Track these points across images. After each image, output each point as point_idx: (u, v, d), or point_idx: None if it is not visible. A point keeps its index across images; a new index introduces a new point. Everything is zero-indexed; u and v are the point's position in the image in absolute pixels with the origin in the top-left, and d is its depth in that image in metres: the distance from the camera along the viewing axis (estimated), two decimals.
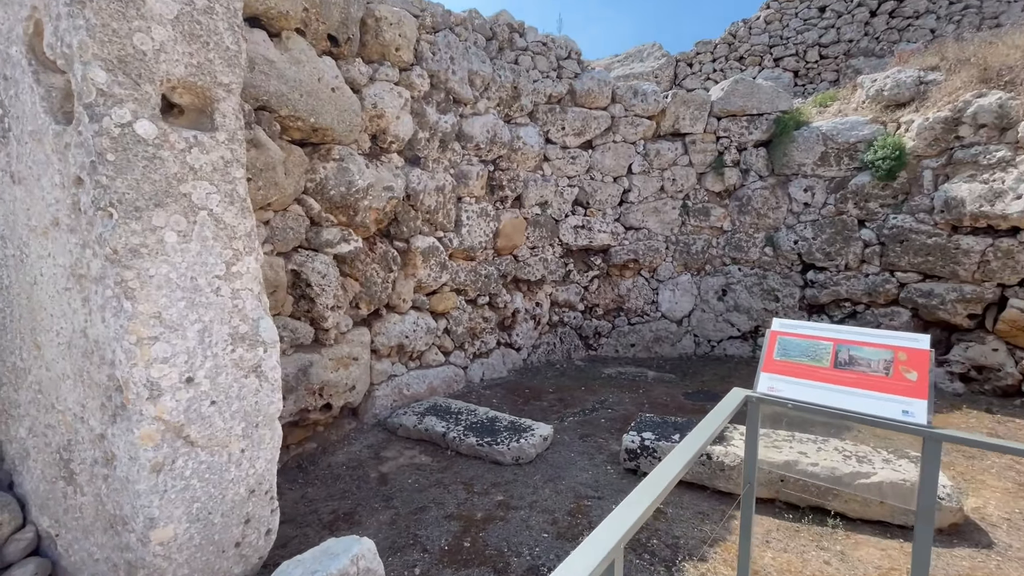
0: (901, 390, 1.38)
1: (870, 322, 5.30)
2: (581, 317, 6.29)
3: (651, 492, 1.09)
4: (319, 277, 3.29)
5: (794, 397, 1.51)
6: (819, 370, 1.54)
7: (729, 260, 6.18)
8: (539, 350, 5.97)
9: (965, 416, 4.31)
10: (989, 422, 4.20)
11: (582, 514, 2.82)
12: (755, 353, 6.00)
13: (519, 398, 4.72)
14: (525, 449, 3.35)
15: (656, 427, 3.43)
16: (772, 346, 1.64)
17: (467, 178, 4.81)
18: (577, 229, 6.04)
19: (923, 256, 4.98)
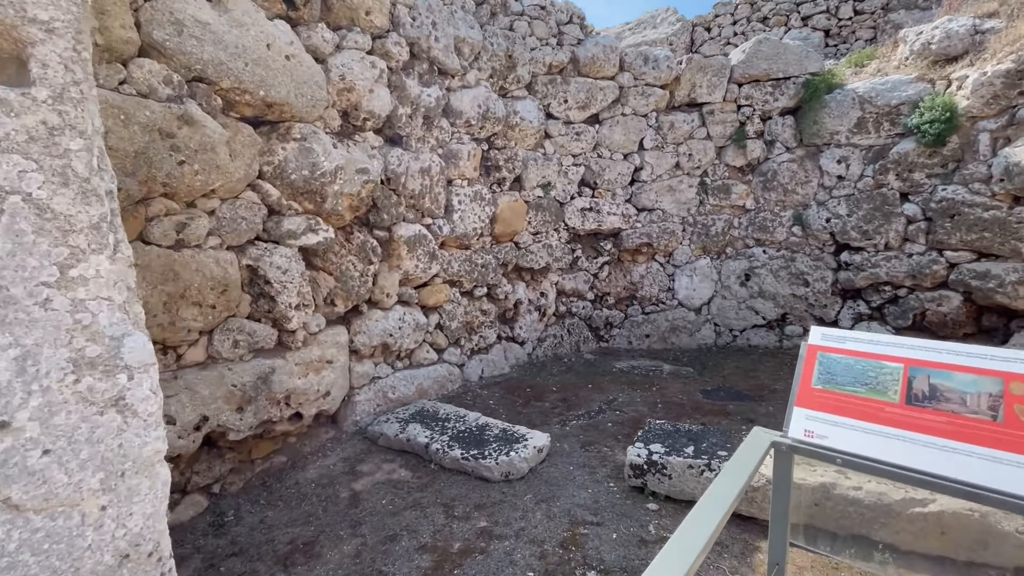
0: (1019, 445, 0.89)
1: (914, 307, 4.69)
2: (591, 307, 5.81)
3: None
4: (279, 273, 2.89)
5: (845, 448, 1.03)
6: (884, 407, 1.05)
7: (752, 242, 5.60)
8: (545, 343, 5.52)
9: None
10: None
11: (576, 546, 2.39)
12: (781, 343, 5.44)
13: (519, 398, 4.29)
14: (516, 464, 2.93)
15: (667, 437, 2.96)
16: (810, 367, 1.16)
17: (457, 158, 4.34)
18: (584, 212, 5.53)
19: (978, 232, 4.33)
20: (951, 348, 1.04)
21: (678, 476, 2.67)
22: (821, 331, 1.21)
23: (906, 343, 1.10)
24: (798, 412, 1.13)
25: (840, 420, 1.07)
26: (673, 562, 0.73)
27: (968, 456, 0.92)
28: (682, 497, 2.69)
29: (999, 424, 0.93)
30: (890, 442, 1.00)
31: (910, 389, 1.04)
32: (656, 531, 2.49)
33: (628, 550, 2.35)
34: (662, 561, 0.74)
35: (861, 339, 1.16)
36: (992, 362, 0.99)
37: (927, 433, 0.97)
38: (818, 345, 1.19)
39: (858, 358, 1.12)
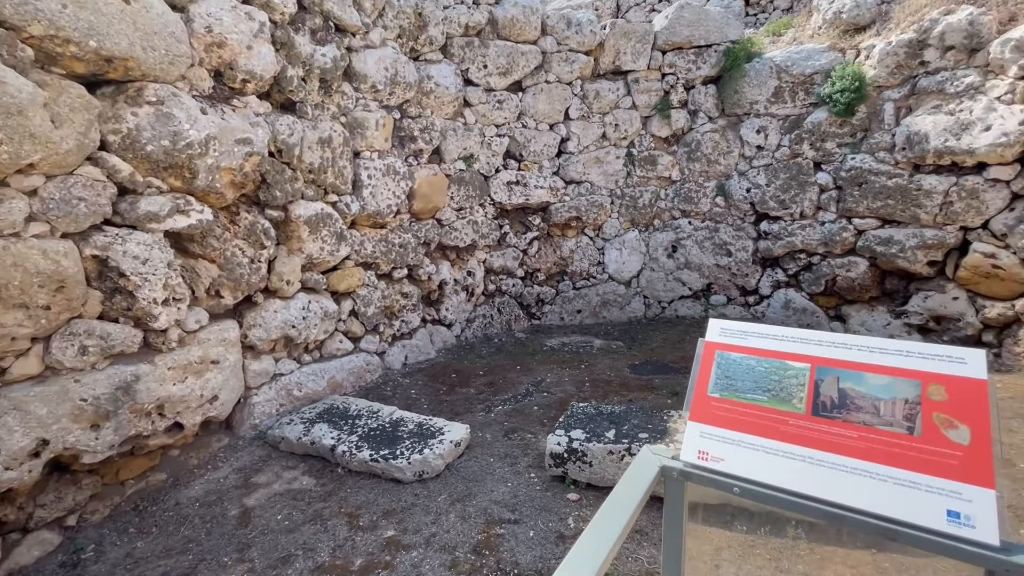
0: (940, 466, 0.74)
1: (826, 274, 4.83)
2: (521, 284, 5.61)
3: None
4: (137, 263, 2.43)
5: (743, 473, 0.86)
6: (788, 419, 0.88)
7: (679, 213, 5.57)
8: (474, 324, 5.28)
9: None
10: None
11: (491, 550, 2.21)
12: (707, 313, 5.50)
13: (443, 385, 4.04)
14: (430, 461, 2.69)
15: (589, 421, 2.82)
16: (707, 370, 0.98)
17: (364, 128, 3.92)
18: (510, 185, 5.26)
19: (882, 200, 4.47)
20: (863, 343, 0.88)
21: (598, 463, 2.54)
22: (720, 324, 1.03)
23: (814, 337, 0.93)
24: (692, 428, 0.95)
25: (739, 437, 0.90)
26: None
27: (882, 481, 0.76)
28: (603, 484, 2.57)
29: (916, 439, 0.78)
30: (794, 465, 0.83)
31: (817, 395, 0.87)
32: (575, 524, 2.35)
33: (544, 548, 2.20)
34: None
35: (764, 333, 0.98)
36: (908, 359, 0.84)
37: (836, 452, 0.81)
38: (716, 342, 1.01)
39: (760, 357, 0.95)
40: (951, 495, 0.72)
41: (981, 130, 3.88)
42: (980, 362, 0.79)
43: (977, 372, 0.79)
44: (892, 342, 0.86)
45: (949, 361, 0.81)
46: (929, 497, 0.73)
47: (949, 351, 0.82)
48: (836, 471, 0.80)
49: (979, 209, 4.02)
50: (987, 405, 0.75)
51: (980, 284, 4.07)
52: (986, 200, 3.98)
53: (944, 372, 0.81)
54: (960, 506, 0.71)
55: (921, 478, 0.75)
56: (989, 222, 3.99)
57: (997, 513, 0.67)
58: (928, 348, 0.84)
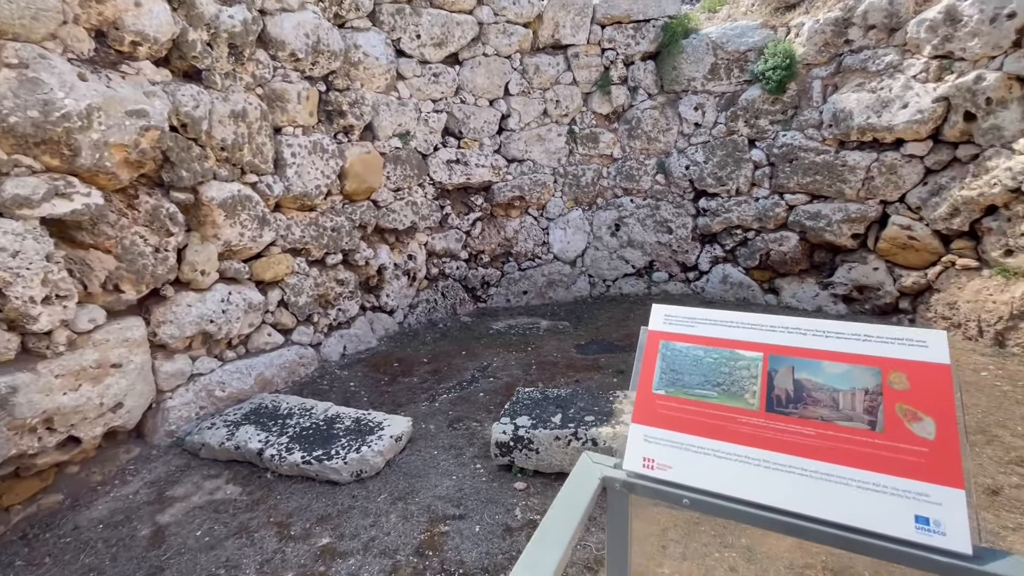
0: (905, 465, 0.67)
1: (760, 248, 4.97)
2: (465, 267, 5.43)
3: None
4: (4, 256, 2.06)
5: (693, 482, 0.76)
6: (740, 416, 0.79)
7: (621, 191, 5.55)
8: (417, 310, 5.07)
9: None
10: None
11: (434, 550, 2.08)
12: (650, 290, 5.55)
13: (385, 376, 3.84)
14: (368, 459, 2.52)
15: (535, 407, 2.73)
16: (651, 363, 0.87)
17: (284, 100, 3.57)
18: (451, 164, 5.03)
19: (811, 176, 4.61)
20: (819, 327, 0.80)
21: (545, 450, 2.46)
22: (664, 311, 0.93)
23: (766, 322, 0.85)
24: (635, 432, 0.84)
25: (687, 440, 0.80)
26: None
27: (843, 485, 0.69)
28: (550, 471, 2.49)
29: (879, 435, 0.70)
30: (748, 471, 0.74)
31: (771, 389, 0.79)
32: (523, 514, 2.26)
33: (491, 544, 2.09)
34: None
35: (713, 319, 0.89)
36: (867, 344, 0.76)
37: (793, 452, 0.73)
38: (660, 331, 0.90)
39: (709, 347, 0.85)
40: (918, 498, 0.65)
41: (899, 107, 4.04)
42: (942, 345, 0.73)
43: (939, 356, 0.72)
44: (850, 325, 0.79)
45: (910, 345, 0.75)
46: (895, 502, 0.66)
47: (909, 334, 0.76)
48: (794, 475, 0.72)
49: (897, 184, 4.22)
50: (951, 393, 0.68)
51: (898, 255, 4.30)
52: (903, 175, 4.18)
53: (905, 357, 0.74)
54: (928, 510, 0.64)
55: (886, 479, 0.67)
56: (906, 196, 4.20)
57: (968, 516, 0.61)
58: (887, 331, 0.77)
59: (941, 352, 0.72)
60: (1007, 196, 3.56)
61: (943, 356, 0.72)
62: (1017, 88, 3.46)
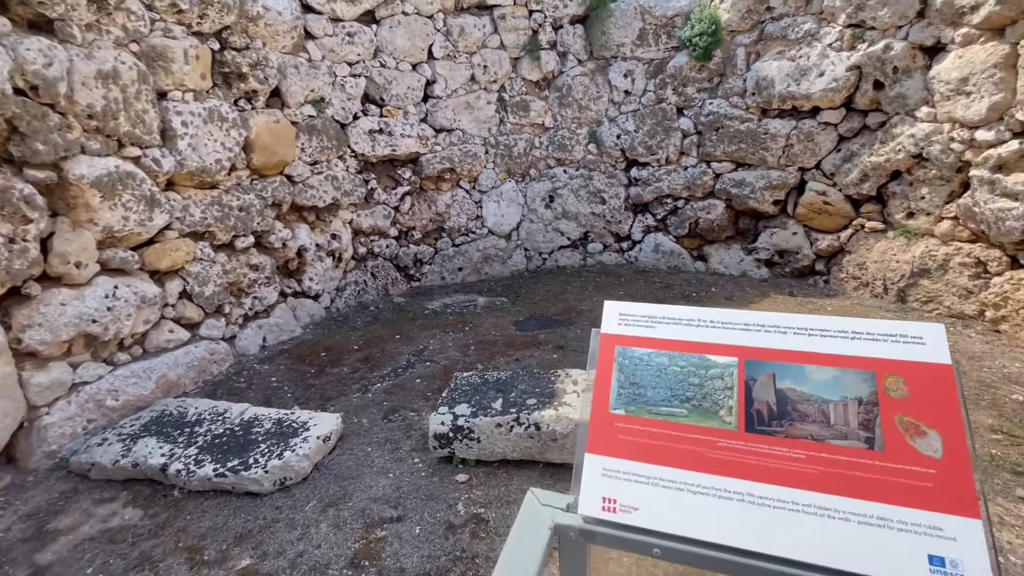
0: (913, 492, 0.57)
1: (690, 217, 5.04)
2: (396, 244, 5.12)
3: None
4: None
5: (665, 527, 0.63)
6: (715, 440, 0.66)
7: (554, 161, 5.40)
8: (346, 292, 4.72)
9: (773, 302, 4.29)
10: (794, 305, 4.21)
11: (371, 559, 1.90)
12: (585, 261, 5.52)
13: (311, 367, 3.53)
14: (293, 465, 2.27)
15: (474, 392, 2.58)
16: (606, 376, 0.72)
17: (168, 60, 3.05)
18: (373, 135, 4.63)
19: (736, 144, 4.68)
20: (800, 323, 0.68)
21: (487, 438, 2.32)
22: (618, 309, 0.78)
23: (739, 319, 0.72)
24: (591, 464, 0.69)
25: (655, 473, 0.66)
26: None
27: (843, 521, 0.58)
28: (493, 459, 2.37)
29: (878, 454, 0.60)
30: (730, 508, 0.62)
31: (749, 402, 0.66)
32: (466, 509, 2.13)
33: (433, 545, 1.94)
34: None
35: (676, 317, 0.75)
36: (856, 343, 0.65)
37: (781, 482, 0.61)
38: (615, 335, 0.75)
39: (674, 353, 0.71)
40: (930, 533, 0.56)
41: (816, 75, 4.14)
42: (941, 341, 0.63)
43: (939, 355, 0.62)
44: (835, 320, 0.68)
45: (904, 342, 0.65)
46: (904, 540, 0.56)
47: (902, 328, 0.65)
48: (784, 512, 0.61)
49: (814, 151, 4.37)
50: (956, 401, 0.59)
51: (814, 219, 4.50)
52: (819, 142, 4.33)
53: (900, 358, 0.64)
54: (943, 548, 0.55)
55: (891, 511, 0.57)
56: (821, 163, 4.37)
57: (987, 551, 0.52)
58: (879, 327, 0.66)
59: (940, 350, 0.63)
60: (910, 162, 3.76)
61: (943, 355, 0.62)
62: (920, 57, 3.62)
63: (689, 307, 0.76)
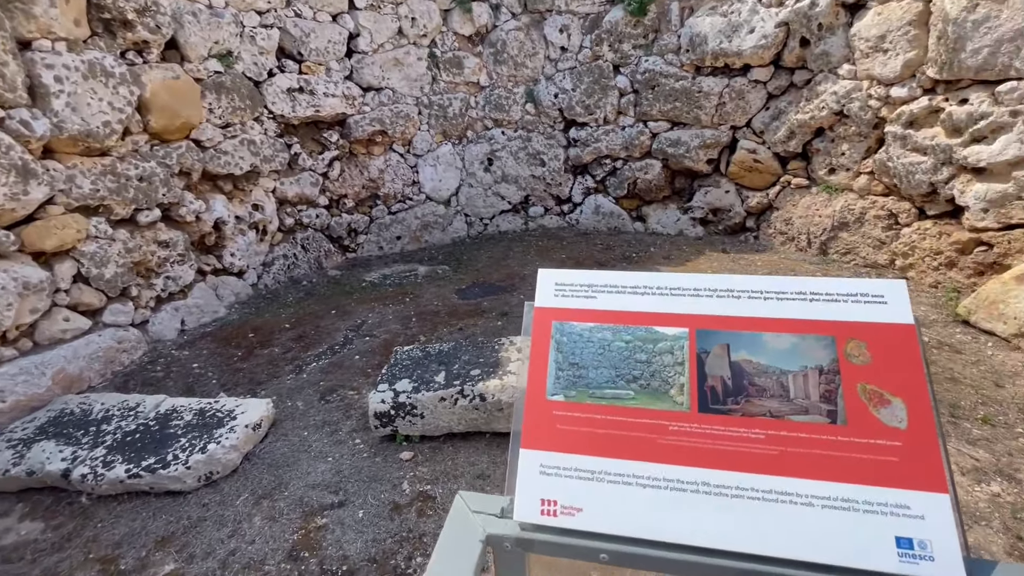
0: (878, 468, 0.52)
1: (628, 177, 5.03)
2: (327, 214, 4.79)
3: None
4: None
5: (613, 526, 0.56)
6: (666, 423, 0.59)
7: (491, 123, 5.19)
8: (274, 268, 4.39)
9: (708, 260, 4.40)
10: (727, 261, 4.35)
11: (311, 550, 1.78)
12: (527, 226, 5.43)
13: (239, 350, 3.27)
14: (219, 458, 2.08)
15: (416, 366, 2.46)
16: (542, 356, 0.63)
17: (27, 1, 2.56)
18: (293, 94, 4.22)
19: (672, 103, 4.67)
20: (752, 285, 0.61)
21: (431, 413, 2.23)
22: (554, 278, 0.68)
23: (688, 284, 0.64)
24: (527, 461, 0.60)
25: (600, 466, 0.58)
26: None
27: (806, 506, 0.52)
28: (438, 433, 2.29)
29: (841, 428, 0.55)
30: (685, 500, 0.55)
31: (702, 378, 0.59)
32: (411, 487, 2.04)
33: (378, 528, 1.85)
34: None
35: (617, 284, 0.66)
36: (814, 305, 0.59)
37: (739, 467, 0.55)
38: (551, 307, 0.66)
39: (617, 326, 0.63)
40: (897, 512, 0.52)
41: (747, 32, 4.15)
42: (902, 299, 0.58)
43: (901, 315, 0.57)
44: (792, 281, 0.61)
45: (865, 302, 0.59)
46: (870, 522, 0.52)
47: (863, 287, 0.60)
48: (743, 501, 0.55)
49: (745, 109, 4.43)
50: (920, 364, 0.54)
51: (745, 177, 4.61)
52: (750, 100, 4.39)
53: (861, 319, 0.58)
54: (911, 528, 0.51)
55: (856, 491, 0.53)
56: (752, 121, 4.45)
57: (956, 527, 0.48)
58: (837, 286, 0.60)
59: (902, 309, 0.58)
60: (832, 119, 3.89)
61: (905, 314, 0.58)
62: (843, 14, 3.69)
63: (633, 272, 0.68)
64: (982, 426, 2.19)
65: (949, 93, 3.20)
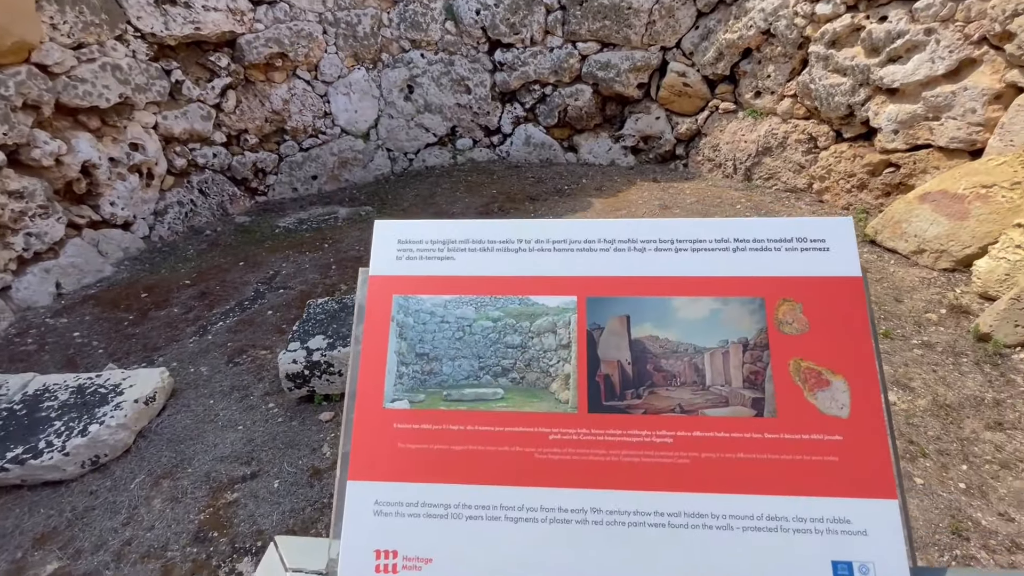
0: (811, 472, 0.40)
1: (558, 104, 4.76)
2: (226, 153, 4.22)
3: None
4: None
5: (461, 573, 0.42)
6: (547, 432, 0.44)
7: (408, 44, 4.66)
8: (168, 217, 3.87)
9: (639, 190, 4.34)
10: (657, 191, 4.30)
11: (221, 528, 1.63)
12: (455, 160, 5.09)
13: (129, 313, 2.88)
14: (104, 439, 1.83)
15: (331, 320, 2.25)
16: (377, 346, 0.46)
17: None
18: (163, 7, 3.53)
19: (601, 20, 4.35)
20: (661, 231, 0.45)
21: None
22: (395, 232, 0.50)
23: (575, 232, 0.47)
24: (357, 497, 0.44)
25: (455, 497, 0.43)
26: None
27: (723, 530, 0.40)
28: None
29: (769, 422, 0.42)
30: (568, 535, 0.42)
31: (594, 365, 0.44)
32: (332, 450, 1.90)
33: (296, 497, 1.72)
34: None
35: (482, 238, 0.48)
36: (740, 257, 0.44)
37: (640, 486, 0.41)
38: (391, 276, 0.48)
39: (483, 298, 0.46)
40: (834, 529, 0.41)
41: None
42: (847, 242, 0.44)
43: (845, 263, 0.44)
44: (712, 225, 0.46)
45: (802, 248, 0.45)
46: (801, 544, 0.40)
47: (799, 228, 0.46)
48: (644, 530, 0.42)
49: (675, 28, 4.21)
50: (867, 328, 0.42)
51: (675, 102, 4.48)
52: (679, 18, 4.16)
53: (796, 273, 0.45)
54: (850, 547, 0.40)
55: (786, 504, 0.41)
56: (681, 41, 4.25)
57: (903, 540, 0.38)
58: (768, 228, 0.46)
59: (847, 256, 0.45)
60: (759, 38, 3.77)
61: (851, 263, 0.45)
62: None
63: (502, 221, 0.51)
64: (883, 339, 2.31)
65: (871, 10, 3.13)
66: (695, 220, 0.48)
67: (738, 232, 0.47)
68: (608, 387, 0.45)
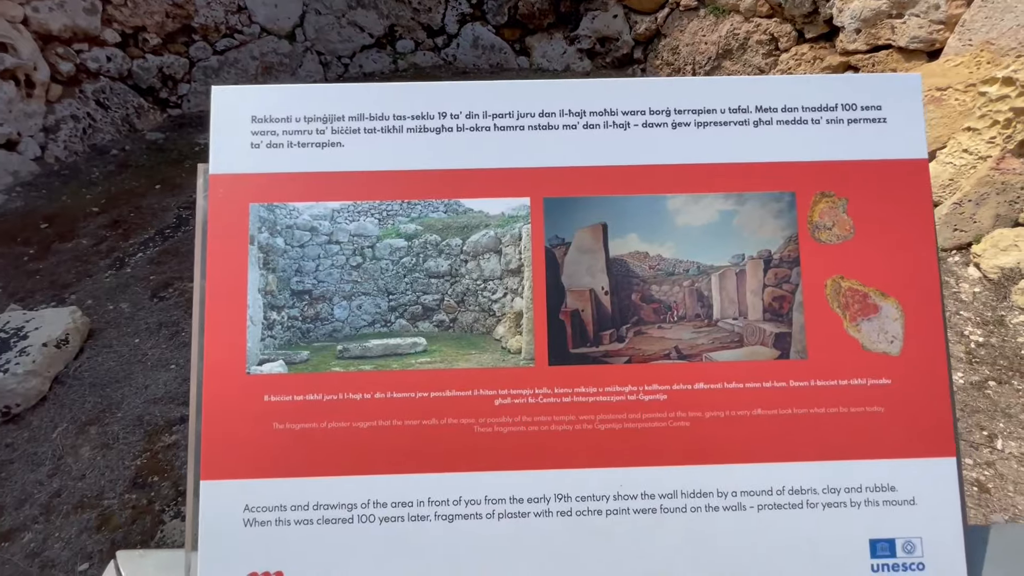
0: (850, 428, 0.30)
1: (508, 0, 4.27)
2: (123, 56, 3.60)
3: None
4: None
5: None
6: (491, 392, 0.31)
7: None
8: (62, 134, 3.34)
9: None
10: None
11: (162, 473, 1.53)
12: (396, 65, 4.58)
13: (29, 246, 2.53)
14: (12, 388, 1.64)
15: None
16: (231, 289, 0.30)
17: None
18: None
19: None
20: (649, 97, 0.31)
21: None
22: (243, 99, 0.33)
23: (508, 95, 0.31)
24: (217, 499, 0.31)
25: (362, 493, 0.31)
26: None
27: (735, 511, 0.30)
28: None
29: (799, 364, 0.31)
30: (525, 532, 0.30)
31: (557, 297, 0.31)
32: None
33: None
34: None
35: (371, 107, 0.31)
36: (762, 133, 0.30)
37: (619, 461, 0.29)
38: (236, 173, 0.32)
39: (390, 203, 0.31)
40: (874, 499, 0.31)
41: None
42: (914, 111, 0.31)
43: (909, 142, 0.31)
44: (719, 83, 0.31)
45: (848, 120, 0.31)
46: (832, 521, 0.31)
47: (847, 85, 0.31)
48: (630, 517, 0.31)
49: None
50: (932, 231, 0.31)
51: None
52: None
53: (838, 156, 0.31)
54: (893, 521, 0.31)
55: (815, 472, 0.31)
56: None
57: (961, 508, 0.29)
58: (800, 87, 0.31)
59: (912, 130, 0.32)
60: None
61: (915, 139, 0.32)
62: None
63: (419, 84, 0.34)
64: None
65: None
66: (702, 79, 0.34)
67: (762, 97, 0.33)
68: (577, 328, 0.31)
